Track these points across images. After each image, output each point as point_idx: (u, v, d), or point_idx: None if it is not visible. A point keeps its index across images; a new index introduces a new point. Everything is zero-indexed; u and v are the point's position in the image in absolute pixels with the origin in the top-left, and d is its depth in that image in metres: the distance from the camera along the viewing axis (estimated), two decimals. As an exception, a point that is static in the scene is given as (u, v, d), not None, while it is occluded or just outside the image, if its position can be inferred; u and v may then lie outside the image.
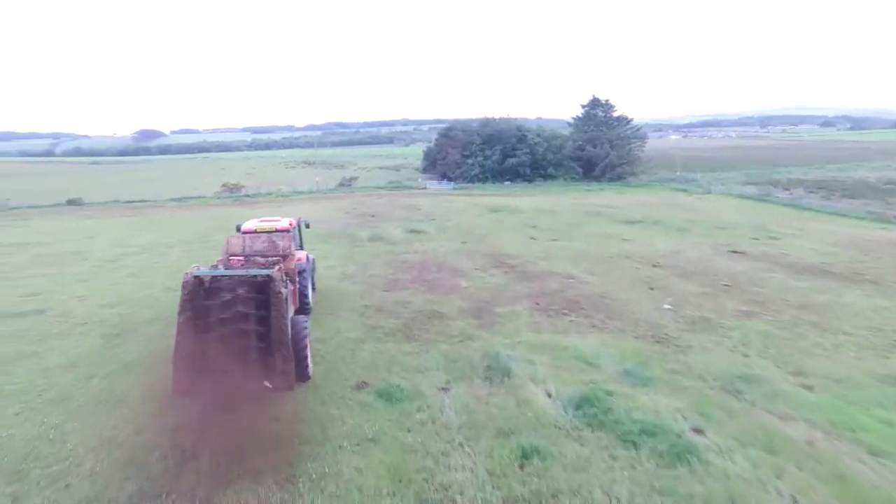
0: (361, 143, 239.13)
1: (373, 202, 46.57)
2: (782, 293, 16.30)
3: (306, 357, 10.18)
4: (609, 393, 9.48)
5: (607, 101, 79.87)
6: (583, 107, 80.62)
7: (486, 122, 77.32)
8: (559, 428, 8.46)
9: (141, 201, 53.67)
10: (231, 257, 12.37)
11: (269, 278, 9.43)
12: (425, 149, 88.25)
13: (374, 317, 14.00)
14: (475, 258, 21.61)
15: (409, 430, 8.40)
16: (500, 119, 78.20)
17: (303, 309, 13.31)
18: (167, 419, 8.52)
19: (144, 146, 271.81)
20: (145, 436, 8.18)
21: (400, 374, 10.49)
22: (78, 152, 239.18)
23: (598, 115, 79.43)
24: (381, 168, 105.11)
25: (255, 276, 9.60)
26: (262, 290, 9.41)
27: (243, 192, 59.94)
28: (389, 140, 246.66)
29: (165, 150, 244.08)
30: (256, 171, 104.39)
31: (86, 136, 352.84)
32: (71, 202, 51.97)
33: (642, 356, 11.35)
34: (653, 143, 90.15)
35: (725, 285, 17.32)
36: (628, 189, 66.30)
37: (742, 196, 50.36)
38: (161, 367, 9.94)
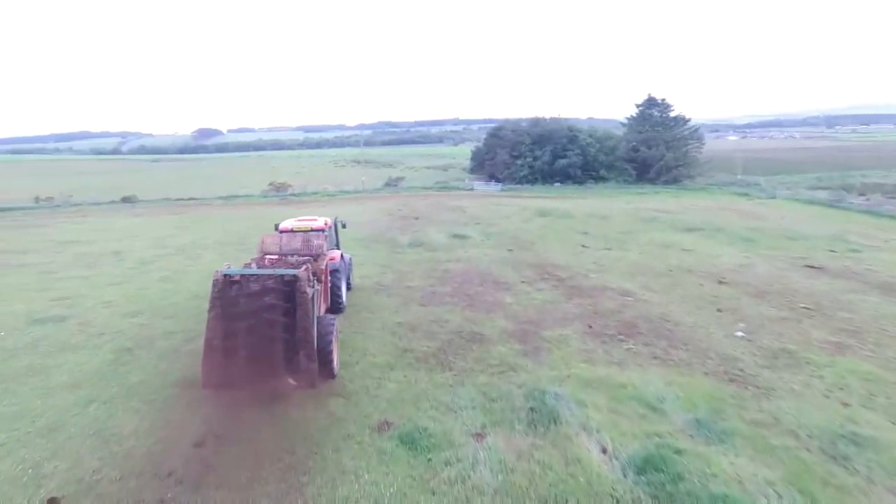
0: (412, 142, 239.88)
1: (418, 203, 45.53)
2: (879, 321, 14.00)
3: (332, 355, 10.26)
4: (679, 452, 7.79)
5: (663, 100, 76.43)
6: (637, 106, 77.45)
7: (536, 122, 75.14)
8: (617, 501, 6.86)
9: (190, 199, 54.51)
10: (266, 255, 12.64)
11: (296, 278, 9.59)
12: (473, 149, 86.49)
13: (406, 337, 12.69)
14: (521, 269, 20.03)
15: (433, 493, 6.99)
16: (550, 119, 75.94)
17: (336, 308, 13.75)
18: (156, 462, 7.45)
19: (202, 144, 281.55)
20: (129, 482, 7.10)
21: (429, 412, 9.10)
22: (142, 150, 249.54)
23: (653, 115, 76.12)
24: (428, 168, 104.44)
25: (282, 275, 9.77)
26: (289, 290, 9.55)
27: (290, 191, 60.16)
28: (439, 139, 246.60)
29: (222, 149, 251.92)
30: (306, 170, 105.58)
31: (150, 135, 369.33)
32: (125, 199, 53.35)
33: (716, 400, 9.55)
34: (710, 145, 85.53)
35: (806, 308, 15.11)
36: (685, 193, 62.99)
37: (811, 202, 46.49)
38: (162, 394, 8.96)
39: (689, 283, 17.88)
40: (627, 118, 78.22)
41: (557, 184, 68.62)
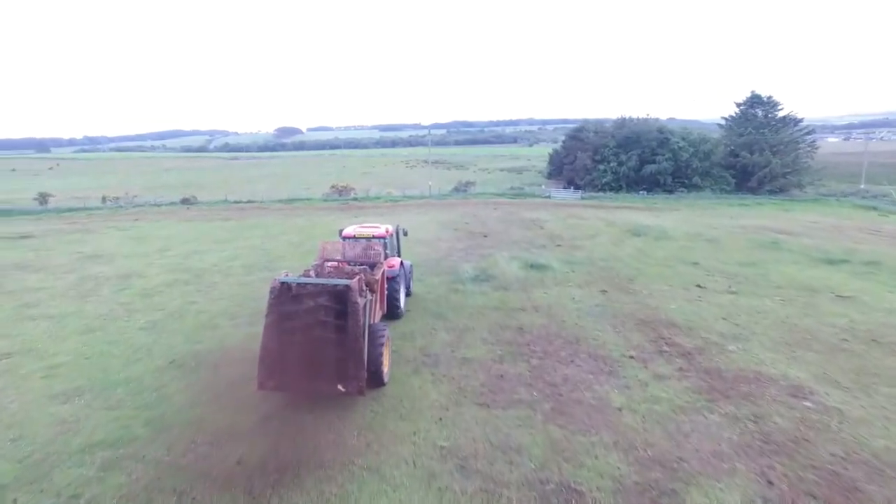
0: (485, 142, 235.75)
1: (487, 215, 40.44)
2: None
3: (382, 364, 10.52)
4: None
5: (770, 98, 67.25)
6: (738, 105, 68.62)
7: (621, 123, 67.80)
8: None
9: (248, 202, 52.15)
10: (325, 261, 12.92)
11: (347, 288, 9.71)
12: (551, 151, 79.89)
13: (451, 491, 7.53)
14: (625, 328, 14.52)
15: None
16: (638, 120, 68.24)
17: (393, 313, 14.26)
18: None
19: (282, 142, 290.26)
20: None
21: None
22: (226, 148, 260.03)
23: (756, 116, 67.06)
24: (502, 170, 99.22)
25: (336, 285, 9.85)
26: (341, 299, 9.66)
27: (352, 194, 56.70)
28: (513, 139, 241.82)
29: (300, 147, 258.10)
30: (375, 170, 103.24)
31: (235, 133, 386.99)
32: (185, 201, 51.70)
33: None
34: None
35: None
36: (795, 205, 54.46)
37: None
38: None
39: (890, 369, 11.81)
40: (727, 118, 69.50)
41: (643, 192, 61.48)
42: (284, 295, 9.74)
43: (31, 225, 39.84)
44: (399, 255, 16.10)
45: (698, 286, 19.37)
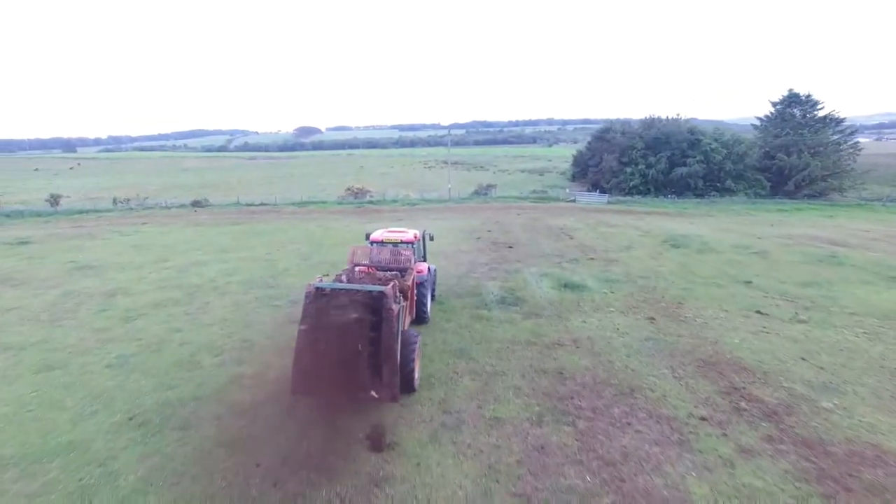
0: (505, 142, 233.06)
1: (511, 221, 37.91)
2: None
3: (414, 370, 10.44)
4: None
5: (808, 96, 63.46)
6: (774, 105, 64.93)
7: (649, 123, 64.47)
8: None
9: (260, 205, 50.25)
10: (355, 266, 13.02)
11: (383, 295, 9.63)
12: (575, 152, 76.69)
13: None
14: (686, 372, 11.94)
15: None
16: (667, 120, 64.90)
17: (420, 318, 14.24)
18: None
19: (301, 142, 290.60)
20: None
21: None
22: (246, 147, 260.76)
23: (794, 116, 63.37)
24: (522, 171, 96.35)
25: (370, 291, 9.78)
26: (376, 305, 9.59)
27: (368, 196, 54.47)
28: (533, 140, 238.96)
29: (318, 146, 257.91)
30: (393, 171, 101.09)
31: (255, 133, 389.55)
32: (195, 203, 49.92)
33: None
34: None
35: None
36: (838, 211, 50.99)
37: None
38: None
39: None
40: (762, 118, 65.88)
41: (672, 196, 58.34)
42: (319, 300, 9.67)
43: (36, 228, 38.35)
44: (425, 259, 16.32)
45: (759, 312, 16.69)
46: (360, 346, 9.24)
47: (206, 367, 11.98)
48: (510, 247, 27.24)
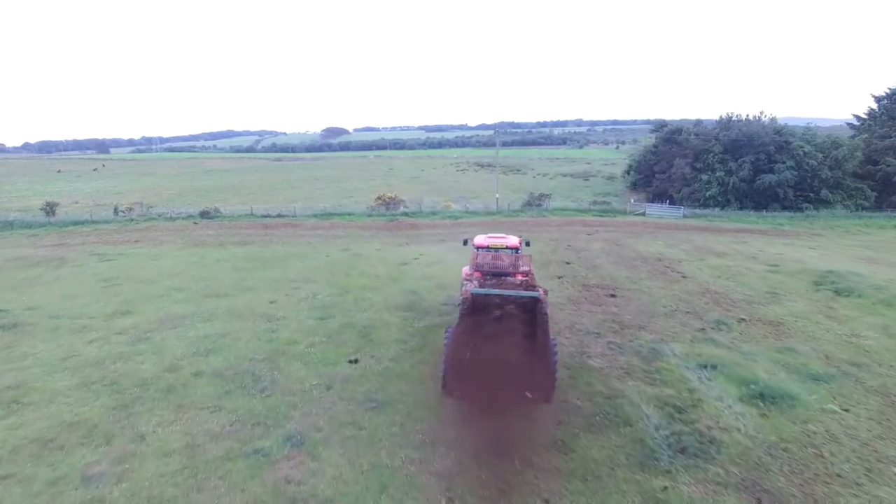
0: (534, 143, 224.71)
1: (587, 246, 29.76)
2: None
3: (556, 372, 10.43)
4: None
5: (920, 89, 53.68)
6: (877, 99, 55.37)
7: (726, 124, 55.31)
8: None
9: (277, 216, 43.09)
10: (476, 272, 13.00)
11: (538, 300, 9.77)
12: (635, 156, 67.66)
13: None
14: None
15: None
16: (748, 119, 55.80)
17: None
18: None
19: (328, 143, 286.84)
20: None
21: None
22: (274, 148, 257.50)
23: (904, 112, 53.58)
24: (564, 175, 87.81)
25: (523, 297, 10.02)
26: (529, 310, 9.83)
27: (401, 207, 46.94)
28: (563, 141, 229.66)
29: (346, 147, 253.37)
30: (424, 174, 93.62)
31: (283, 133, 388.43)
32: (203, 214, 43.12)
33: None
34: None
35: None
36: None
37: None
38: None
39: None
40: (861, 116, 56.43)
41: (754, 208, 49.48)
42: (475, 306, 9.83)
43: (5, 247, 31.87)
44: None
45: None
46: (514, 349, 9.35)
47: None
48: (612, 295, 19.24)
